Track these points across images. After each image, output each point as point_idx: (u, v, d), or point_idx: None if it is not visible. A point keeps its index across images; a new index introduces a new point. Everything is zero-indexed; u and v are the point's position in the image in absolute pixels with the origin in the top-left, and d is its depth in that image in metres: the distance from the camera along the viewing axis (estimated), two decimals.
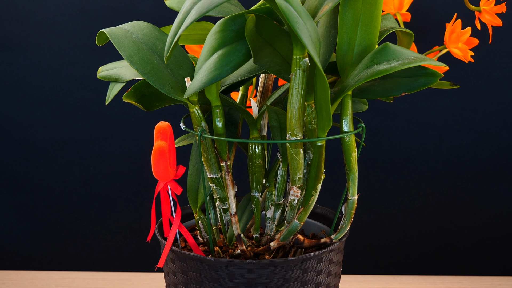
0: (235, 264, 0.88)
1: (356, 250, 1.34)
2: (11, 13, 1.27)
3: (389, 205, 1.34)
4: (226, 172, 0.91)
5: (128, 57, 0.86)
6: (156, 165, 0.87)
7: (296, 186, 0.89)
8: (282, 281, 0.89)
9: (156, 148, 0.86)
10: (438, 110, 1.29)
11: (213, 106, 0.88)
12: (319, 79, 0.81)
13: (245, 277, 0.88)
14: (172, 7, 0.93)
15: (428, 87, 0.84)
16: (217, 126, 0.89)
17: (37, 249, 1.37)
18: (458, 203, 1.33)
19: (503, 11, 0.94)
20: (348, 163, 0.89)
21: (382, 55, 0.84)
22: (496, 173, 1.31)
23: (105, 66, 0.95)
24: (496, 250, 1.34)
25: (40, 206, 1.35)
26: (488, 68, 1.27)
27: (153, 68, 0.87)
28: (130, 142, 1.32)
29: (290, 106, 0.84)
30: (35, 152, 1.33)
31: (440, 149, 1.31)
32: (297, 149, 0.87)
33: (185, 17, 0.80)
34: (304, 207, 0.90)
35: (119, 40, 0.87)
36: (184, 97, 0.85)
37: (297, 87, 0.84)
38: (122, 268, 1.37)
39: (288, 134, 0.86)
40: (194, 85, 0.83)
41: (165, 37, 0.90)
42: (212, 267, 0.89)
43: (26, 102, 1.30)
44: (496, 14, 0.99)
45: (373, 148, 1.30)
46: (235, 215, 0.92)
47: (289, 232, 0.92)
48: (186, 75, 0.89)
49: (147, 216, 1.34)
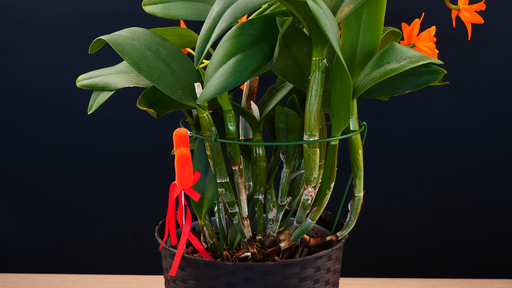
0: (254, 267, 0.88)
1: (355, 252, 1.35)
2: (12, 16, 1.27)
3: (388, 207, 1.34)
4: (239, 176, 0.91)
5: (134, 64, 0.85)
6: (181, 172, 0.86)
7: (311, 186, 0.90)
8: (297, 280, 0.90)
9: (180, 155, 0.85)
10: (437, 113, 1.29)
11: (224, 110, 0.88)
12: (342, 78, 0.82)
13: (262, 279, 0.89)
14: (153, 12, 0.92)
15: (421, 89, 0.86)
16: (230, 130, 0.89)
17: (37, 252, 1.37)
18: (457, 206, 1.33)
19: (482, 9, 0.95)
20: (355, 160, 0.91)
21: (390, 55, 0.85)
22: (495, 175, 1.31)
23: (86, 75, 0.93)
24: (495, 252, 1.34)
25: (41, 209, 1.35)
26: (487, 72, 1.27)
27: (161, 74, 0.86)
28: (131, 145, 1.33)
29: (309, 107, 0.86)
30: (36, 155, 1.33)
31: (439, 152, 1.31)
32: (314, 149, 0.88)
33: (216, 22, 0.79)
34: (318, 206, 0.92)
35: (122, 47, 0.86)
36: (197, 102, 0.84)
37: (316, 88, 0.85)
38: (122, 271, 1.37)
39: (307, 134, 0.87)
40: (211, 90, 0.82)
41: (166, 43, 0.89)
42: (229, 271, 0.89)
43: (27, 105, 1.31)
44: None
45: (373, 151, 1.31)
46: (246, 218, 0.93)
47: (301, 232, 0.93)
48: (192, 80, 0.89)
49: (147, 218, 1.35)
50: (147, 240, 1.35)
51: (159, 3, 0.92)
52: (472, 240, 1.34)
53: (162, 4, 0.92)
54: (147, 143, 1.33)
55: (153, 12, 0.92)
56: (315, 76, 0.85)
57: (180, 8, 0.92)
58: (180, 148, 0.85)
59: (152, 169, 1.33)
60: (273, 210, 0.96)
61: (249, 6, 0.77)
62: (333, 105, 0.86)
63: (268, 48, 0.83)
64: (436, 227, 1.34)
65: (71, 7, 1.27)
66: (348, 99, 0.83)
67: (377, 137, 1.31)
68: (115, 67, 0.94)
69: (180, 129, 0.86)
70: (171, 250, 0.92)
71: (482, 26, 1.25)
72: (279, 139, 0.91)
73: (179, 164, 0.86)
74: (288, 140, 0.91)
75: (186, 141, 0.86)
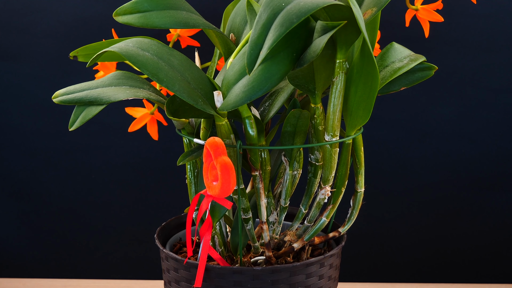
0: (280, 270, 0.90)
1: (354, 257, 1.35)
2: (14, 23, 1.28)
3: (387, 212, 1.34)
4: (259, 181, 0.92)
5: (153, 75, 0.83)
6: (227, 181, 0.83)
7: (328, 185, 0.92)
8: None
9: (225, 165, 0.82)
10: (436, 120, 1.30)
11: (244, 117, 0.88)
12: (368, 76, 0.84)
13: (289, 280, 0.91)
14: (129, 22, 0.90)
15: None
16: (251, 135, 0.89)
17: (39, 257, 1.37)
18: (456, 211, 1.33)
19: (439, 8, 0.97)
20: (358, 158, 0.94)
21: (392, 54, 0.89)
22: (493, 181, 1.32)
23: (66, 89, 0.89)
24: (494, 257, 1.35)
25: (42, 214, 1.35)
26: (486, 78, 1.28)
27: (180, 84, 0.84)
28: (132, 151, 1.33)
29: (332, 108, 0.87)
30: (37, 160, 1.33)
31: (438, 157, 1.31)
32: (336, 149, 0.90)
33: (267, 29, 0.77)
34: (333, 204, 0.94)
35: (135, 58, 0.84)
36: (223, 109, 0.84)
37: (340, 89, 0.87)
38: (123, 276, 1.37)
39: (329, 135, 0.89)
40: (240, 97, 0.82)
41: (175, 52, 0.88)
42: (255, 276, 0.90)
43: (28, 111, 1.31)
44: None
45: (372, 156, 1.31)
46: (265, 222, 0.94)
47: (315, 230, 0.95)
48: (206, 89, 0.87)
49: (147, 224, 1.35)
50: (148, 245, 1.35)
51: (137, 13, 0.90)
52: (471, 245, 1.34)
53: (141, 14, 0.90)
54: (147, 149, 1.33)
55: (128, 22, 0.89)
56: (339, 78, 0.86)
57: (163, 17, 0.90)
58: (221, 157, 0.83)
59: (152, 174, 1.34)
60: (274, 213, 0.97)
61: (303, 12, 0.76)
62: (351, 105, 0.88)
63: (294, 53, 0.83)
64: (435, 232, 1.34)
65: (72, 14, 1.27)
66: (373, 97, 0.85)
67: (376, 143, 1.31)
68: (103, 80, 0.91)
69: (215, 138, 0.83)
70: (193, 263, 0.92)
71: (480, 32, 1.25)
72: (284, 142, 0.92)
73: (224, 174, 0.83)
74: (295, 143, 0.92)
75: (224, 149, 0.83)
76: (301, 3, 0.76)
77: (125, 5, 0.89)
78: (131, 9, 0.89)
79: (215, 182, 0.84)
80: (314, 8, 0.75)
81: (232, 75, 0.85)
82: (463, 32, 1.26)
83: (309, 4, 0.76)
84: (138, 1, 0.90)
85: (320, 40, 0.81)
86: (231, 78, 0.85)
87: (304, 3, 0.76)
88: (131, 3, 0.90)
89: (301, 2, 0.76)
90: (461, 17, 1.25)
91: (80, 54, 0.98)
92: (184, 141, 0.99)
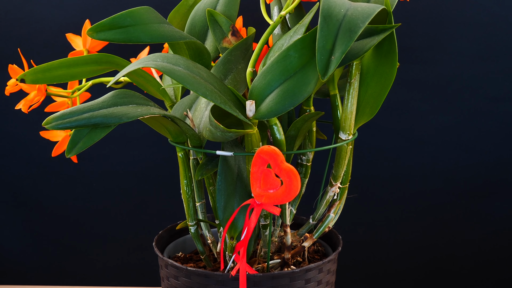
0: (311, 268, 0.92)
1: (350, 265, 1.35)
2: (15, 32, 1.28)
3: (384, 220, 1.34)
4: None
5: (196, 90, 0.80)
6: (295, 186, 0.82)
7: (339, 181, 0.95)
8: None
9: (292, 171, 0.82)
10: (433, 128, 1.30)
11: (272, 124, 0.88)
12: (385, 74, 0.88)
13: (326, 277, 0.94)
14: (107, 38, 0.87)
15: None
16: (279, 140, 0.89)
17: (39, 264, 1.37)
18: (453, 219, 1.34)
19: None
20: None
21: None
22: (491, 189, 1.32)
23: (61, 113, 0.84)
24: (491, 265, 1.35)
25: (43, 222, 1.36)
26: (483, 86, 1.28)
27: (220, 96, 0.83)
28: (132, 160, 1.33)
29: (350, 108, 0.90)
30: (38, 169, 1.34)
31: (435, 165, 1.32)
32: (350, 147, 0.94)
33: (334, 36, 0.77)
34: (340, 200, 0.97)
35: (174, 74, 0.81)
36: (257, 119, 0.84)
37: (355, 90, 0.90)
38: (122, 283, 1.37)
39: (346, 134, 0.91)
40: (278, 107, 0.83)
41: (198, 65, 0.86)
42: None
43: (29, 119, 1.32)
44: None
45: (370, 164, 1.31)
46: (288, 225, 0.95)
47: (324, 227, 0.98)
48: (232, 99, 0.86)
49: (148, 232, 1.35)
50: (147, 252, 1.36)
51: (117, 28, 0.88)
52: (468, 253, 1.35)
53: (122, 29, 0.88)
54: (147, 158, 1.33)
55: (107, 38, 0.87)
56: (356, 79, 0.89)
57: (149, 32, 0.88)
58: (285, 164, 0.82)
59: (152, 182, 1.34)
60: None
61: (365, 16, 0.78)
62: (359, 104, 0.91)
63: None
64: (431, 240, 1.34)
65: (73, 24, 1.28)
66: (383, 95, 0.88)
67: (374, 151, 1.31)
68: (103, 100, 0.87)
69: (270, 146, 0.82)
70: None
71: (479, 41, 1.26)
72: (286, 146, 0.94)
73: (292, 179, 0.82)
74: (295, 145, 0.93)
75: (283, 156, 0.82)
76: (358, 8, 0.78)
77: (103, 22, 0.87)
78: (110, 25, 0.87)
79: (271, 190, 0.83)
80: (373, 13, 0.78)
81: (265, 84, 0.84)
82: (460, 41, 1.26)
83: (366, 10, 0.78)
84: (118, 17, 0.88)
85: (368, 41, 0.84)
86: (264, 87, 0.84)
87: (361, 8, 0.78)
88: (110, 19, 0.88)
89: (358, 7, 0.79)
90: (458, 26, 1.25)
91: (27, 77, 0.93)
92: (179, 156, 0.96)
